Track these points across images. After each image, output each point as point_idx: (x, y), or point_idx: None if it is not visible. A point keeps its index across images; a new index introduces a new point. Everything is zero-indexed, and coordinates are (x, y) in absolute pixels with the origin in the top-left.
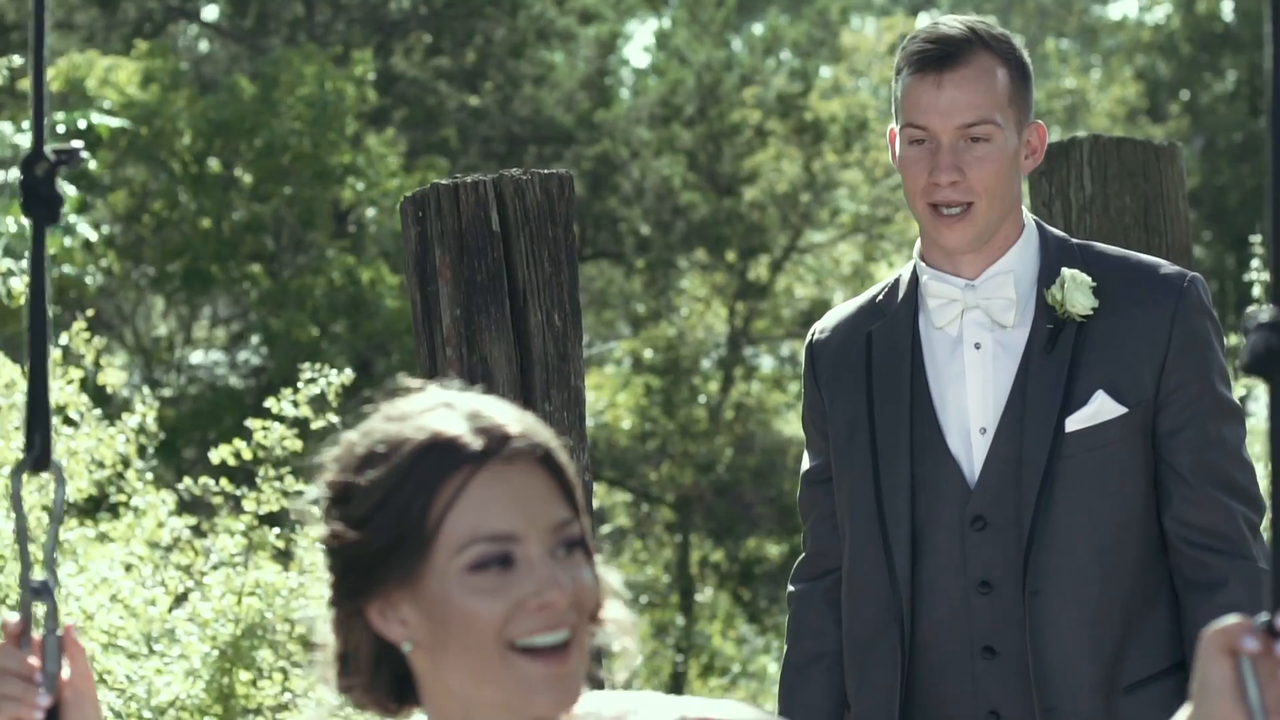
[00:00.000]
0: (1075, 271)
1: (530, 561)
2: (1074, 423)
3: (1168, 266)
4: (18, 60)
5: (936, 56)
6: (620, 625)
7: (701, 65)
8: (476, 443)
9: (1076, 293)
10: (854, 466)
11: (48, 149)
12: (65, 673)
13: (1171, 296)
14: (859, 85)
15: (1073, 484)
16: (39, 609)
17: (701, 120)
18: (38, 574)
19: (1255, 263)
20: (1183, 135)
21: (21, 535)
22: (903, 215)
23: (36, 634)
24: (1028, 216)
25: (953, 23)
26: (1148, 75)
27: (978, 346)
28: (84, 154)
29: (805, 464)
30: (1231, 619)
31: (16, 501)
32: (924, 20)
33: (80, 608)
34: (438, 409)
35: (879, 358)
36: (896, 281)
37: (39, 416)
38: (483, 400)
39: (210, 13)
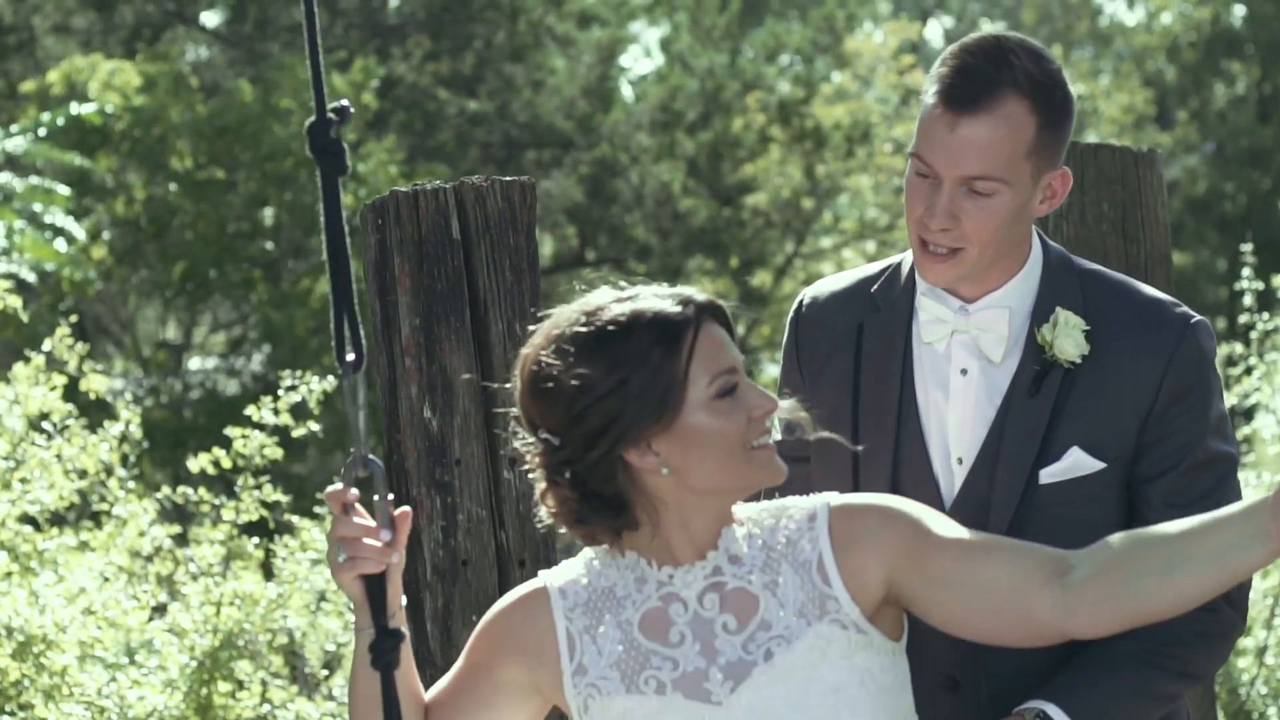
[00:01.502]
0: (1068, 314)
1: (746, 386)
2: (1048, 475)
3: (1169, 309)
4: None
5: (960, 94)
6: (794, 411)
7: (704, 71)
8: (688, 310)
9: (1067, 338)
10: (832, 470)
11: (329, 109)
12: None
13: (1166, 346)
14: (865, 91)
15: (1042, 537)
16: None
17: (704, 126)
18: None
19: (1246, 271)
20: (1191, 142)
21: (355, 421)
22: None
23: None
24: (1035, 241)
25: (993, 51)
26: (1156, 81)
27: (964, 372)
28: (352, 109)
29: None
30: None
31: (352, 392)
32: (933, 28)
33: (54, 620)
34: (634, 297)
35: (869, 356)
36: (896, 270)
37: (350, 325)
38: (652, 286)
39: (209, 18)
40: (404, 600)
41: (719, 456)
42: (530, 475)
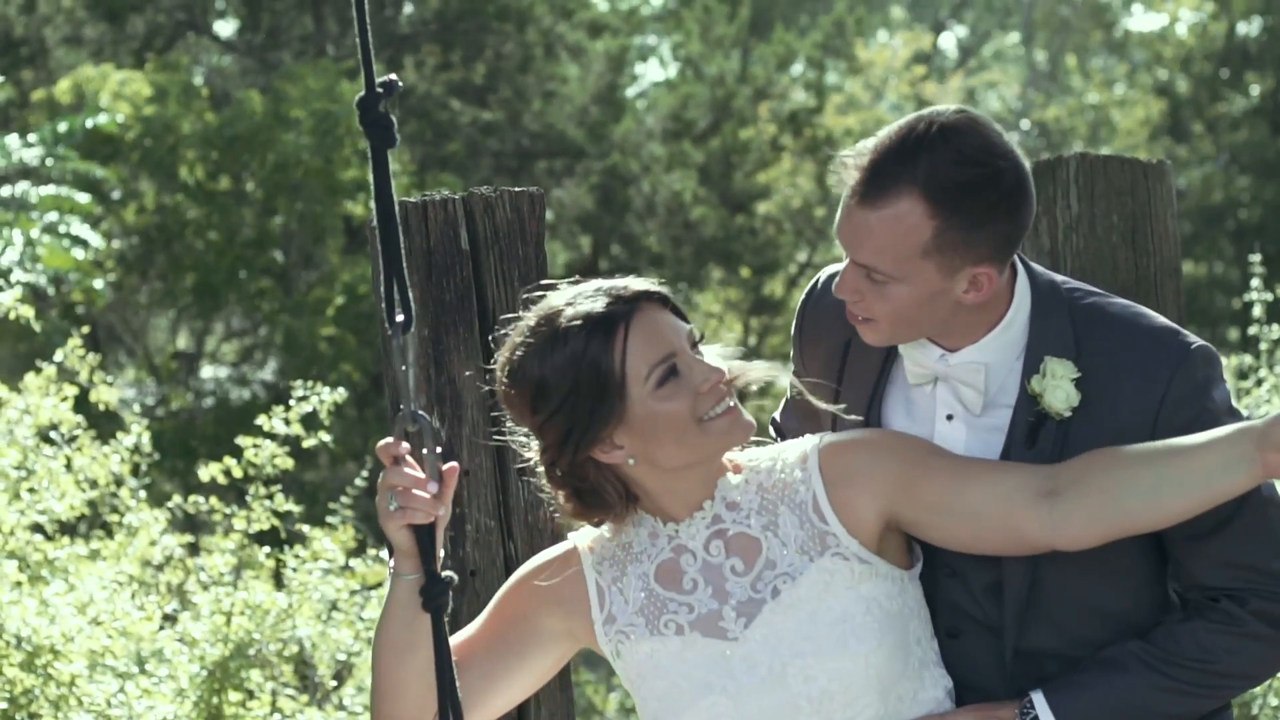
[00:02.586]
0: (1056, 364)
1: (688, 364)
2: None
3: (1166, 340)
4: None
5: (858, 183)
6: (757, 371)
7: (715, 79)
8: (616, 307)
9: (1056, 391)
10: None
11: (377, 83)
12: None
13: (1160, 382)
14: (877, 101)
15: (1059, 589)
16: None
17: (715, 135)
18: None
19: (1255, 282)
20: (1205, 153)
21: (404, 381)
22: None
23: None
24: (1020, 286)
25: (909, 144)
26: (1169, 93)
27: (950, 418)
28: (400, 83)
29: (776, 424)
30: None
31: (400, 353)
32: (946, 40)
33: (61, 631)
34: (571, 301)
35: (847, 381)
36: None
37: (399, 287)
38: (594, 281)
39: (221, 27)
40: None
41: (675, 437)
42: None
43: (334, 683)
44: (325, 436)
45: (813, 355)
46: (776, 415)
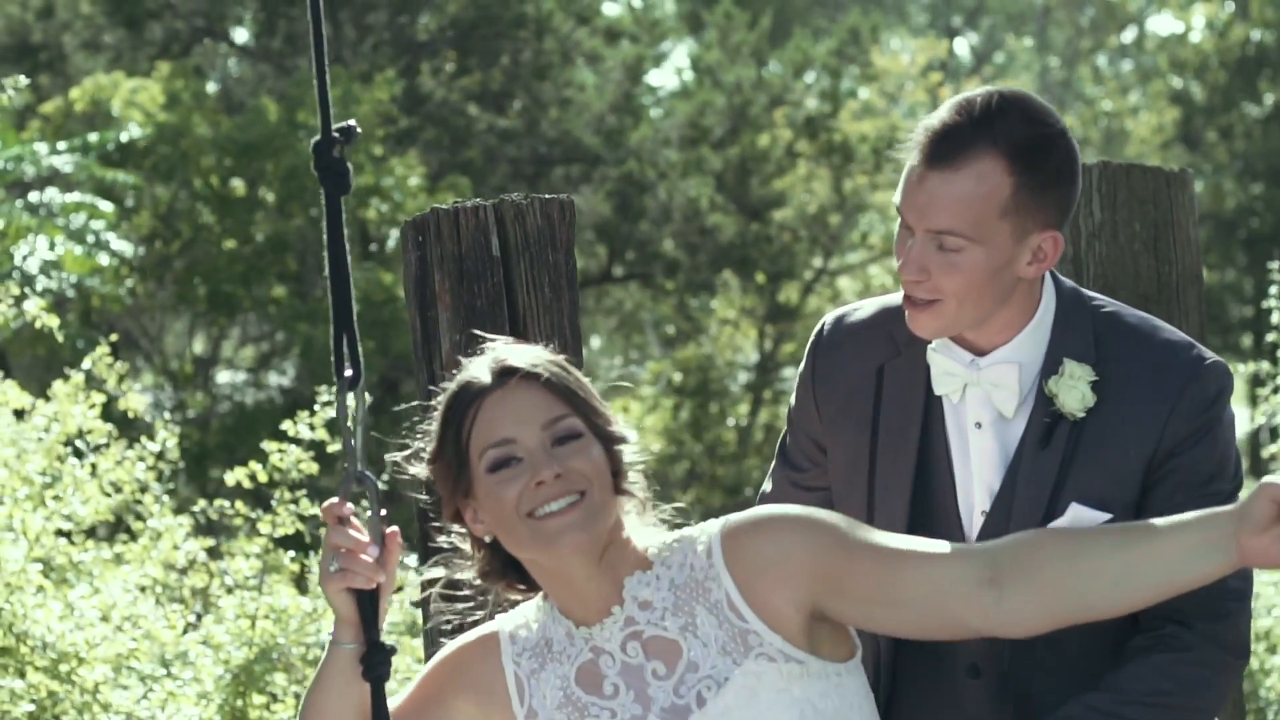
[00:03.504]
0: (1075, 366)
1: (530, 455)
2: (1057, 526)
3: (1181, 353)
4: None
5: (933, 148)
6: (642, 495)
7: (732, 86)
8: (484, 378)
9: (1071, 392)
10: (851, 512)
11: (334, 129)
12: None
13: (1172, 392)
14: (892, 107)
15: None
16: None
17: (731, 142)
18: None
19: (1274, 289)
20: (1219, 160)
21: (347, 438)
22: None
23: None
24: (1047, 288)
25: (978, 109)
26: (1183, 99)
27: (979, 426)
28: (358, 129)
29: (786, 461)
30: None
31: (342, 409)
32: (960, 45)
33: (85, 639)
34: (474, 361)
35: (888, 403)
36: None
37: (349, 341)
38: (510, 346)
39: (239, 34)
40: (386, 623)
41: (503, 528)
42: None
43: None
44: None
45: (830, 393)
46: (775, 466)
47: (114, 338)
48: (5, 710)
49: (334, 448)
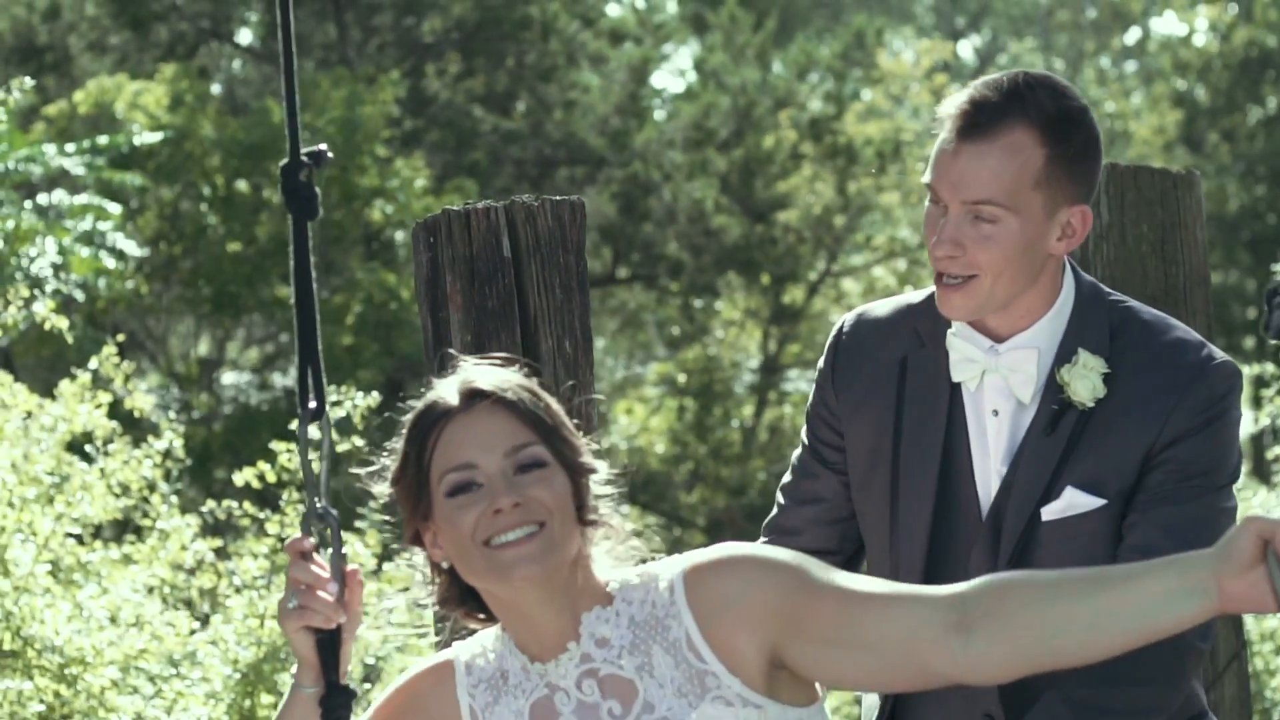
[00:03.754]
0: (1089, 356)
1: (491, 481)
2: (1049, 513)
3: (1191, 351)
4: (28, 82)
5: (966, 121)
6: (612, 523)
7: (736, 88)
8: (451, 400)
9: (1083, 380)
10: (872, 500)
11: (301, 154)
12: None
13: (1178, 387)
14: (897, 109)
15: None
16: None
17: (736, 143)
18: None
19: None
20: (1222, 161)
21: (308, 470)
22: None
23: (320, 558)
24: (1067, 278)
25: (1007, 85)
26: (1187, 102)
27: (996, 414)
28: (329, 154)
29: (805, 445)
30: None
31: (303, 442)
32: (964, 47)
33: (91, 644)
34: (443, 381)
35: (913, 392)
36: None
37: (313, 373)
38: (477, 366)
39: (244, 36)
40: (350, 668)
41: (459, 555)
42: None
43: (366, 685)
44: (359, 441)
45: (851, 383)
46: (796, 454)
47: (120, 337)
48: (15, 712)
49: (343, 447)
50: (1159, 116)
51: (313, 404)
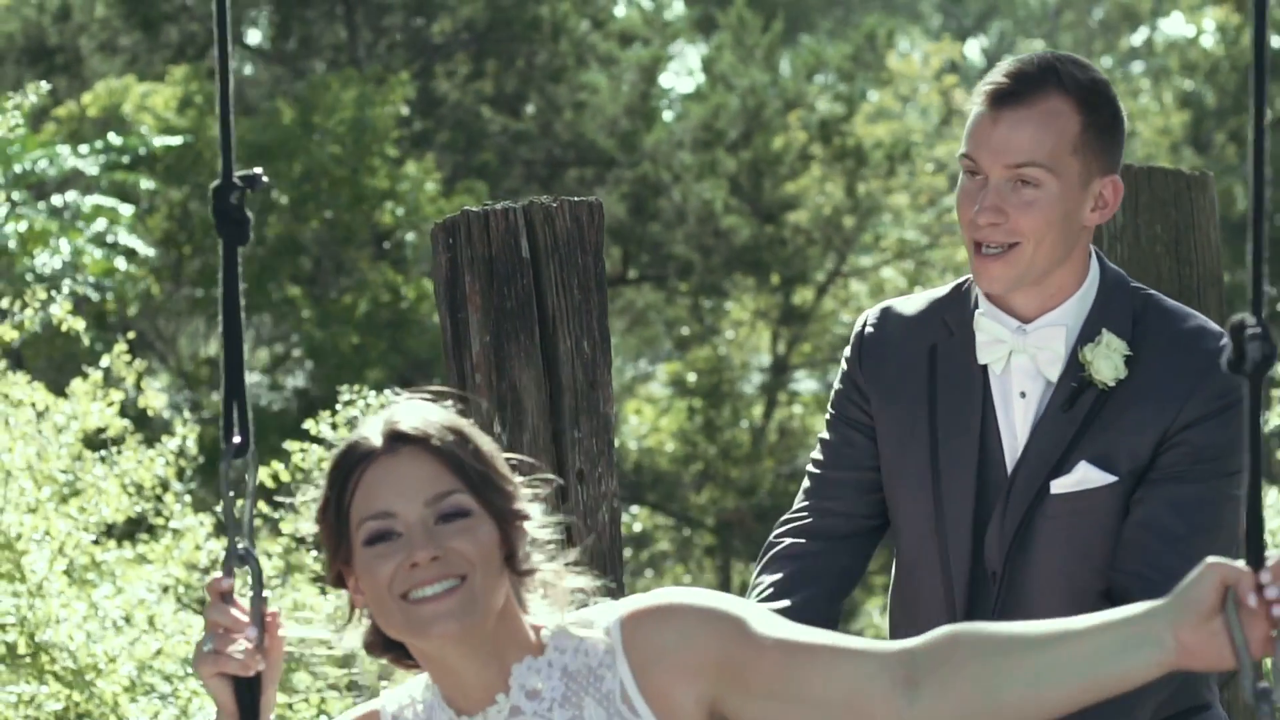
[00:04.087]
0: (1112, 337)
1: (409, 531)
2: (1058, 486)
3: (1210, 337)
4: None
5: (1003, 91)
6: (546, 573)
7: (745, 89)
8: (373, 441)
9: (1106, 360)
10: (907, 487)
11: (234, 176)
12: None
13: (1197, 371)
14: (905, 110)
15: (1051, 543)
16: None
17: (745, 144)
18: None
19: None
20: (1229, 162)
21: (229, 509)
22: (949, 240)
23: (241, 600)
24: (1093, 262)
25: (1039, 59)
26: (1193, 101)
27: (1023, 395)
28: (264, 178)
29: (832, 417)
30: (1241, 566)
31: (224, 481)
32: (972, 46)
33: (105, 650)
34: (369, 419)
35: (945, 378)
36: (966, 292)
37: (238, 407)
38: (406, 404)
39: (253, 36)
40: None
41: (378, 606)
42: None
43: (383, 683)
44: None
45: (880, 373)
46: (824, 435)
47: (131, 335)
48: (30, 715)
49: None
50: (1166, 117)
51: (237, 439)
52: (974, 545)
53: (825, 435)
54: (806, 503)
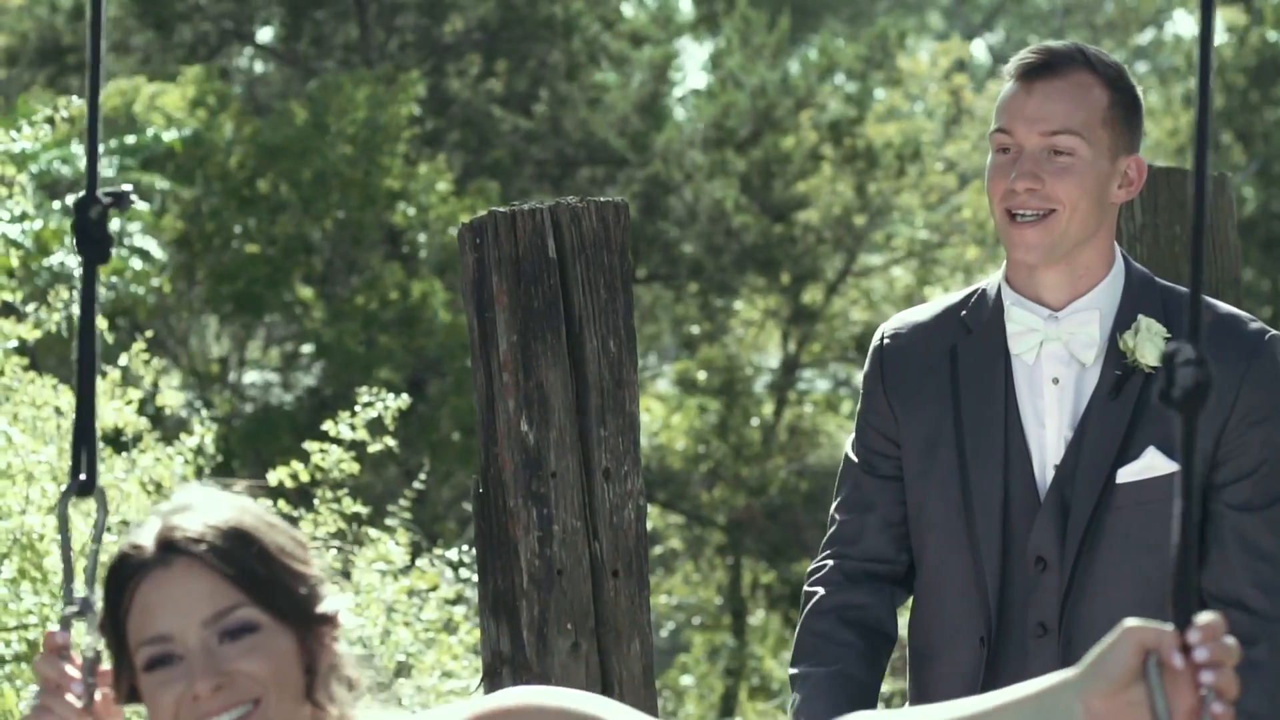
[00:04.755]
0: (1151, 321)
1: (189, 655)
2: (1125, 475)
3: (1248, 324)
4: (75, 101)
5: (1036, 64)
6: (358, 679)
7: (756, 89)
8: (145, 551)
9: (1148, 344)
10: (935, 486)
11: (100, 192)
12: (98, 695)
13: (1242, 359)
14: (915, 110)
15: (1118, 535)
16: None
17: (756, 144)
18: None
19: None
20: (1236, 162)
21: (66, 554)
22: (959, 239)
23: (77, 655)
24: (1118, 254)
25: (1065, 43)
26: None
27: (1056, 382)
28: (134, 197)
29: (856, 459)
30: (1161, 626)
31: (63, 523)
32: (979, 46)
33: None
34: (147, 520)
35: (967, 376)
36: (982, 294)
37: (86, 443)
38: (187, 500)
39: (265, 35)
40: None
41: None
42: None
43: (400, 680)
44: (391, 441)
45: (902, 377)
46: (849, 449)
47: (149, 334)
48: None
49: (375, 447)
50: (1173, 118)
51: (83, 476)
52: (1004, 535)
53: (845, 469)
54: (832, 544)
